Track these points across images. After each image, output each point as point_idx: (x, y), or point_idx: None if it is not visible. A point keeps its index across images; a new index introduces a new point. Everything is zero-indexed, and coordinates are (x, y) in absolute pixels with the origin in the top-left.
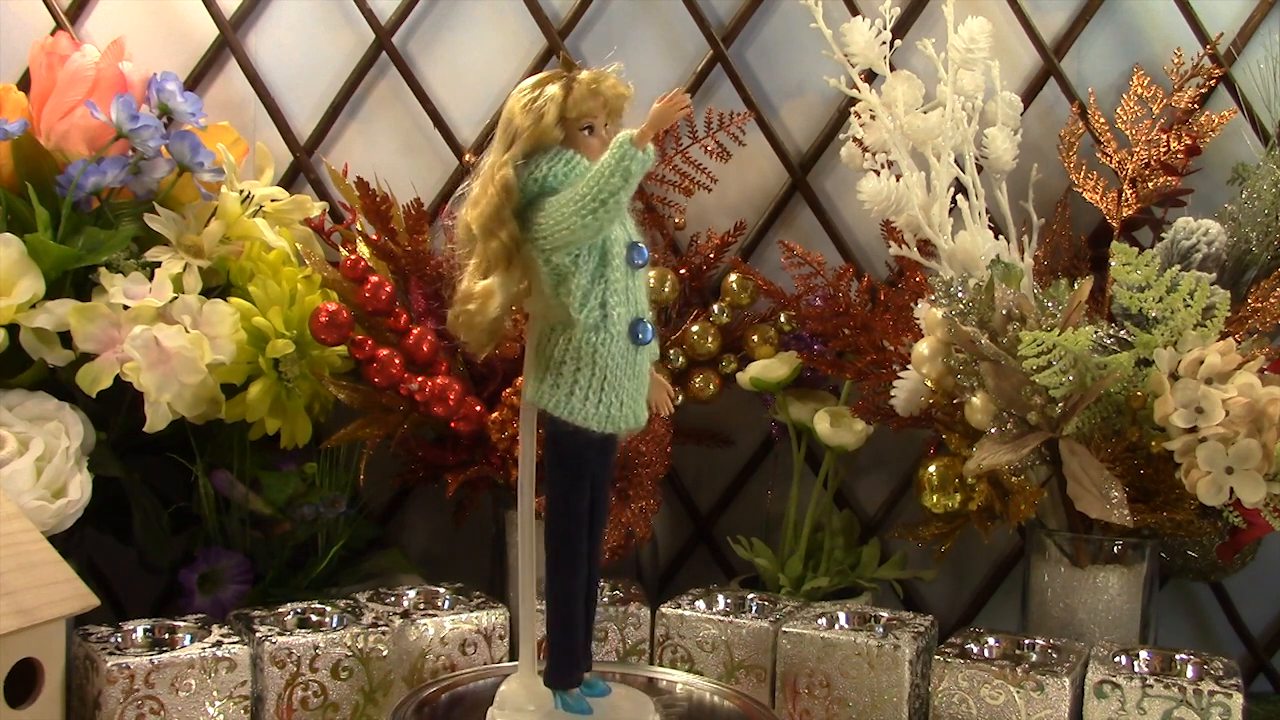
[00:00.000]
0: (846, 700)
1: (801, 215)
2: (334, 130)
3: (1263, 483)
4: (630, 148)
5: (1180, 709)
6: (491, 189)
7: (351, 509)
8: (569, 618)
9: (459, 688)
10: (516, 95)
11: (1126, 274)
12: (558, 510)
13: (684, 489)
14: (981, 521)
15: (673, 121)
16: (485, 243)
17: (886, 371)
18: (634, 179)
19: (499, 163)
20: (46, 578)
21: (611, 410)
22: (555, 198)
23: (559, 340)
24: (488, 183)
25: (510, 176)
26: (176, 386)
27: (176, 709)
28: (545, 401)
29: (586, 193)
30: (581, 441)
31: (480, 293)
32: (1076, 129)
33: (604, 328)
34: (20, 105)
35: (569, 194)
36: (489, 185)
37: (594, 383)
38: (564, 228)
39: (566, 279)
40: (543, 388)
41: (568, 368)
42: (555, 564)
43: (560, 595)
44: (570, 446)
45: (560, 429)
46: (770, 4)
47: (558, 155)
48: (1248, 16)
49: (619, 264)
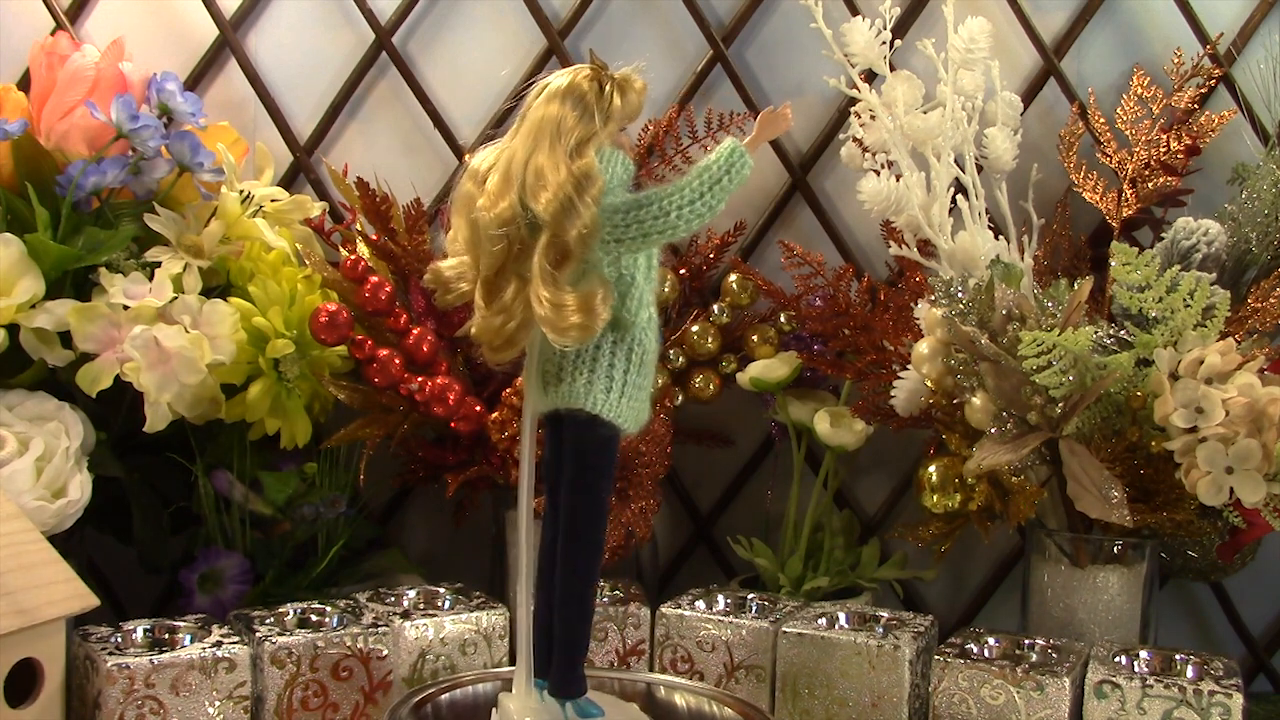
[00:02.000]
0: (846, 700)
1: (801, 215)
2: (334, 130)
3: (1263, 483)
4: (746, 155)
5: (1180, 709)
6: (565, 179)
7: (351, 509)
8: (589, 627)
9: (455, 690)
10: (566, 91)
11: (1126, 274)
12: (600, 522)
13: (684, 489)
14: (981, 521)
15: (780, 133)
16: (558, 235)
17: (886, 371)
18: (741, 183)
19: (568, 152)
20: (46, 578)
21: (642, 412)
22: (651, 194)
23: (606, 343)
24: (549, 174)
25: (595, 166)
26: (176, 386)
27: (176, 709)
28: (599, 406)
29: (695, 193)
30: (617, 446)
31: (519, 301)
32: (1076, 129)
33: (650, 327)
34: (20, 105)
35: (666, 192)
36: (551, 176)
37: (642, 383)
38: (663, 226)
39: (628, 278)
40: (594, 392)
41: (618, 369)
42: (591, 575)
43: (590, 607)
44: (613, 452)
45: (604, 434)
46: (770, 4)
47: (614, 154)
48: (1248, 16)
49: (655, 263)
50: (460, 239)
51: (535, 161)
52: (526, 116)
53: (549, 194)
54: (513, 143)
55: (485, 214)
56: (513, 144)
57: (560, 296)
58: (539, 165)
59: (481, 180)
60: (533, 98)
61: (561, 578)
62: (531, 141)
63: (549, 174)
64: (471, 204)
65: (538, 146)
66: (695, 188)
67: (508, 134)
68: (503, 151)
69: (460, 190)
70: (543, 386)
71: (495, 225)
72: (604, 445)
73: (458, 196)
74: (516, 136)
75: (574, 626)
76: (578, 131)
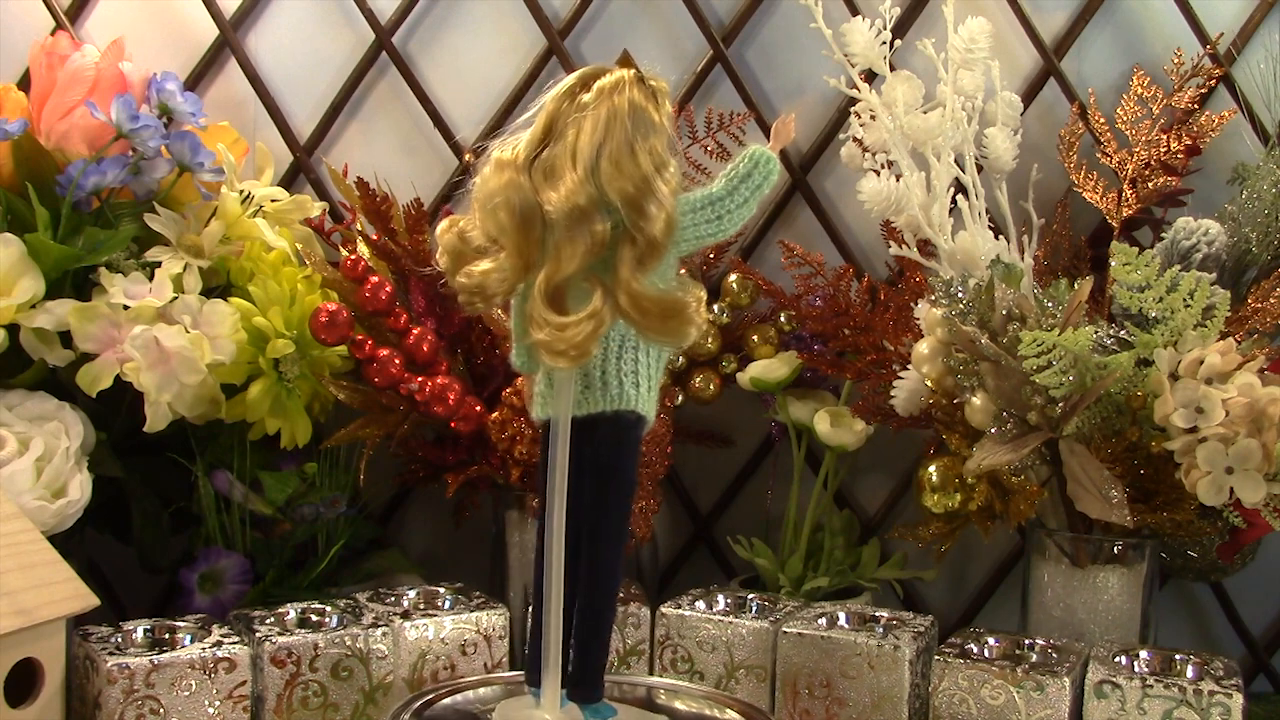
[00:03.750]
0: (846, 700)
1: (801, 215)
2: (334, 130)
3: (1263, 483)
4: (775, 160)
5: (1180, 709)
6: (649, 170)
7: (351, 509)
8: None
9: (456, 695)
10: (630, 85)
11: (1126, 274)
12: (630, 522)
13: (684, 489)
14: (981, 521)
15: (787, 142)
16: (644, 229)
17: (886, 371)
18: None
19: (647, 147)
20: (46, 578)
21: (656, 405)
22: (700, 197)
23: (632, 339)
24: (628, 164)
25: (671, 161)
26: (176, 386)
27: (176, 709)
28: (638, 405)
29: (741, 199)
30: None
31: (607, 305)
32: (1076, 129)
33: None
34: (20, 105)
35: (714, 195)
36: (632, 167)
37: (660, 377)
38: (715, 229)
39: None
40: (640, 393)
41: (644, 366)
42: (621, 574)
43: (614, 609)
44: (639, 451)
45: (638, 433)
46: (770, 4)
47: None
48: (1248, 16)
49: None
50: (507, 236)
51: (613, 151)
52: (577, 111)
53: (633, 186)
54: (573, 135)
55: (562, 205)
56: (574, 137)
57: (670, 297)
58: (617, 155)
59: (522, 169)
60: (569, 93)
61: (600, 579)
62: (604, 132)
63: (628, 165)
64: (520, 195)
65: (609, 136)
66: (742, 194)
67: (530, 127)
68: (545, 142)
69: (500, 181)
70: (583, 389)
71: (572, 219)
72: (637, 444)
73: (495, 188)
74: (578, 129)
75: (607, 628)
76: (649, 126)
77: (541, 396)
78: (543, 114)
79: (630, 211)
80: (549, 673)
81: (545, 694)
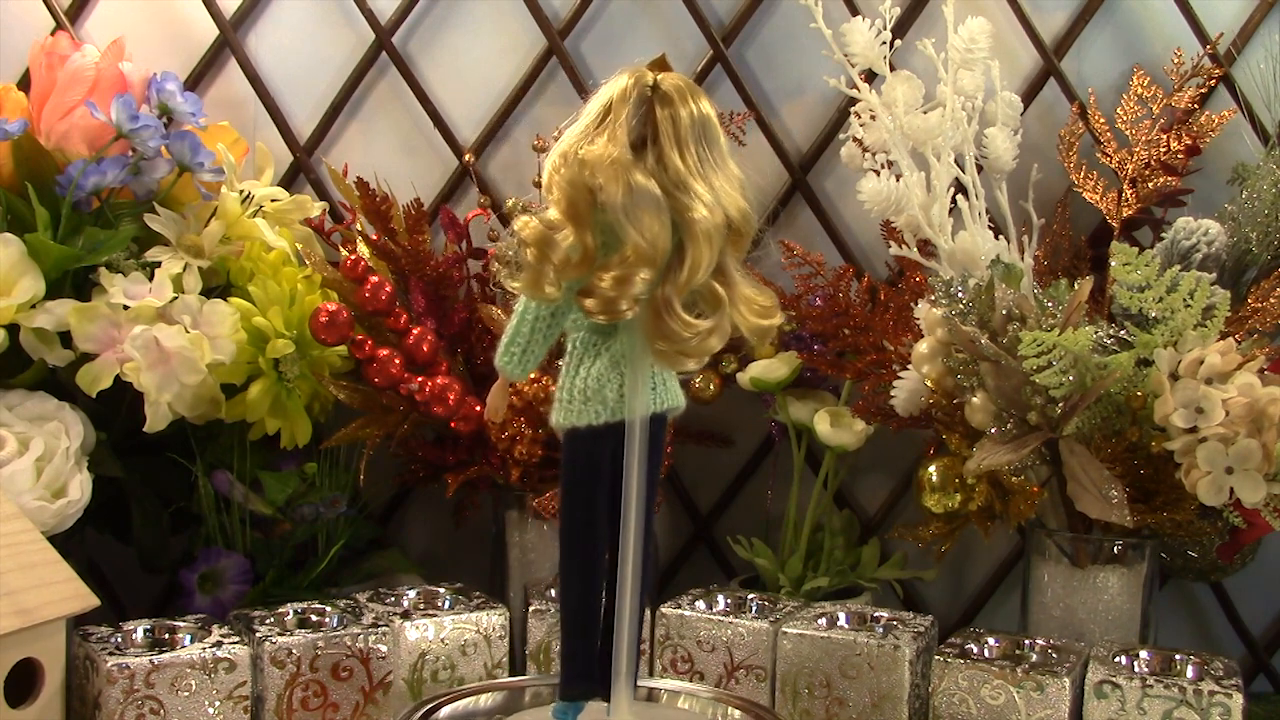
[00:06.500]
0: (846, 700)
1: (801, 215)
2: (334, 130)
3: (1263, 483)
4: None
5: (1180, 709)
6: (743, 178)
7: (351, 509)
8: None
9: (459, 700)
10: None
11: (1126, 274)
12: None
13: (684, 489)
14: (981, 521)
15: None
16: (746, 235)
17: (886, 371)
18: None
19: (725, 158)
20: (46, 578)
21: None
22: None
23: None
24: (736, 172)
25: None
26: (176, 386)
27: (176, 709)
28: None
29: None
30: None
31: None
32: (1076, 129)
33: None
34: (20, 105)
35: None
36: (738, 174)
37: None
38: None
39: None
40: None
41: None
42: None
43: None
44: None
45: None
46: (770, 4)
47: None
48: (1248, 16)
49: None
50: (654, 241)
51: (725, 162)
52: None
53: (742, 194)
54: (684, 146)
55: (716, 215)
56: (683, 148)
57: (767, 297)
58: (729, 165)
59: (650, 174)
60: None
61: (644, 575)
62: (709, 142)
63: (734, 179)
64: (660, 205)
65: (715, 146)
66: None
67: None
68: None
69: (640, 184)
70: (651, 388)
71: (718, 231)
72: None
73: (640, 188)
74: (684, 144)
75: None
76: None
77: (602, 401)
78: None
79: (746, 219)
80: (620, 681)
81: (618, 704)
